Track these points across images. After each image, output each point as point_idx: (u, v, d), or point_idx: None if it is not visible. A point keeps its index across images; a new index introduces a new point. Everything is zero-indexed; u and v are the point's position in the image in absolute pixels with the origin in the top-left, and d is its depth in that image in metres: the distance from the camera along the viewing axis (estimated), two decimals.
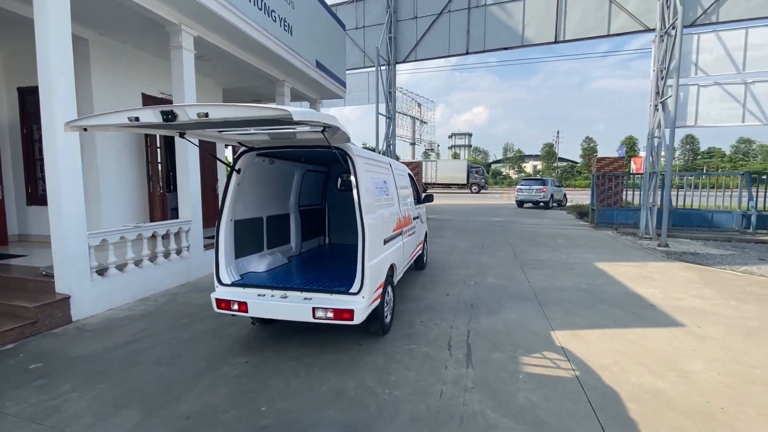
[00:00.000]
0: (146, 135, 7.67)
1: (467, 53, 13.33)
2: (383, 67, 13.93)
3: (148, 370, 3.44)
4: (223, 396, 3.02)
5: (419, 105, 59.25)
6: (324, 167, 5.95)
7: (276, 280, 3.95)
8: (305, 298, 3.50)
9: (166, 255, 6.01)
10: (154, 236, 5.75)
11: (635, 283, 6.31)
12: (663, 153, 10.90)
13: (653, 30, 10.96)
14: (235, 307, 3.57)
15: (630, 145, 57.70)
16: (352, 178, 3.57)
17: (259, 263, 4.33)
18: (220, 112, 2.21)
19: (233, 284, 3.75)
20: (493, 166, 77.90)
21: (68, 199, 4.46)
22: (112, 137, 6.91)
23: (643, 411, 2.83)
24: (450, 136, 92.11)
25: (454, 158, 72.73)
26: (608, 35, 11.64)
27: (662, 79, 10.82)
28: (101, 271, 5.01)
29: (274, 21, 7.68)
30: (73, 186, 4.52)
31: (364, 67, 15.00)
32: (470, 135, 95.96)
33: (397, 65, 14.42)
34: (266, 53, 7.84)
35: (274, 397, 3.01)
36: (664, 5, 10.60)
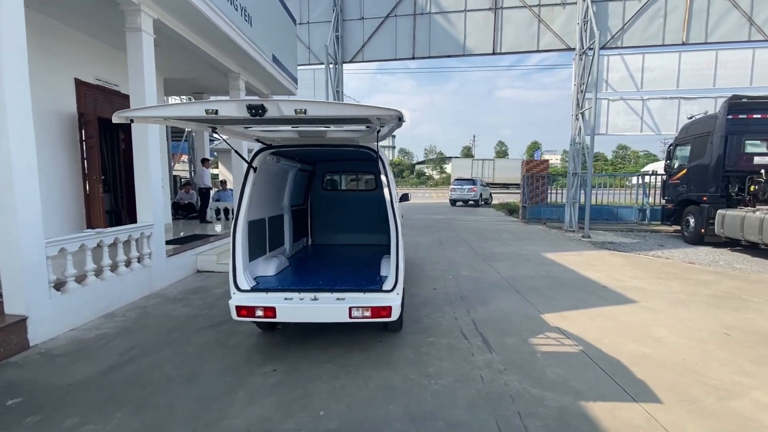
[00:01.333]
0: (81, 127, 6.65)
1: (413, 58, 13.83)
2: (330, 66, 13.79)
3: (166, 390, 3.08)
4: (271, 406, 2.86)
5: None
6: (310, 166, 5.80)
7: (295, 283, 3.80)
8: (338, 299, 3.45)
9: (128, 264, 5.31)
10: (114, 243, 5.05)
11: (583, 269, 7.27)
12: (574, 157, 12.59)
13: (574, 49, 12.59)
14: (260, 313, 3.37)
15: (534, 149, 64.69)
16: (382, 177, 3.61)
17: (267, 266, 4.11)
18: (319, 109, 2.12)
19: (253, 289, 3.53)
20: (417, 167, 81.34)
21: (23, 203, 3.74)
22: (39, 129, 5.86)
23: (644, 372, 3.38)
24: None
25: (500, 157, 61.69)
26: (538, 51, 13.06)
27: (581, 92, 12.48)
28: (59, 286, 4.28)
29: (236, 9, 7.21)
30: (29, 188, 3.80)
31: (309, 64, 14.68)
32: (394, 136, 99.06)
33: (344, 65, 14.37)
34: (226, 43, 7.32)
35: (325, 400, 2.94)
36: (582, 29, 12.24)
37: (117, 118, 2.27)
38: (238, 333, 4.20)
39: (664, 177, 12.31)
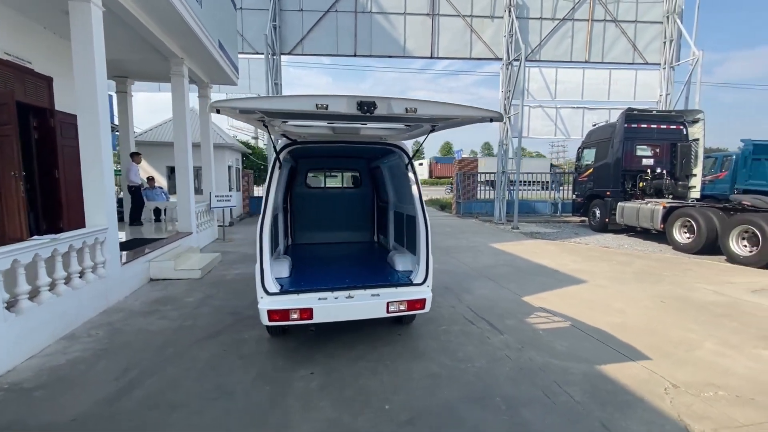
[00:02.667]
0: None
1: (355, 55, 13.86)
2: (266, 56, 13.11)
3: (205, 409, 2.79)
4: (331, 408, 2.79)
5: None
6: (294, 162, 5.56)
7: (318, 282, 3.68)
8: (373, 295, 3.46)
9: (81, 275, 4.52)
10: (68, 252, 4.26)
11: (531, 257, 8.19)
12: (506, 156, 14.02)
13: (501, 59, 13.91)
14: (295, 315, 3.23)
15: (447, 149, 69.30)
16: (411, 175, 3.69)
17: (280, 267, 3.89)
18: (430, 109, 2.13)
19: (282, 292, 3.35)
20: None
21: None
22: None
23: (626, 337, 4.05)
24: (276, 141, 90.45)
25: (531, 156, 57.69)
26: (470, 58, 14.13)
27: (507, 99, 13.87)
28: (10, 306, 3.50)
29: None
30: None
31: (242, 53, 13.75)
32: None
33: (282, 56, 13.76)
34: (175, 22, 6.55)
35: (381, 395, 2.97)
36: (509, 41, 13.59)
37: (211, 108, 1.99)
38: (246, 342, 3.92)
39: (575, 175, 14.32)
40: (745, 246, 7.92)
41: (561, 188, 16.65)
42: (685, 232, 9.37)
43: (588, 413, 2.74)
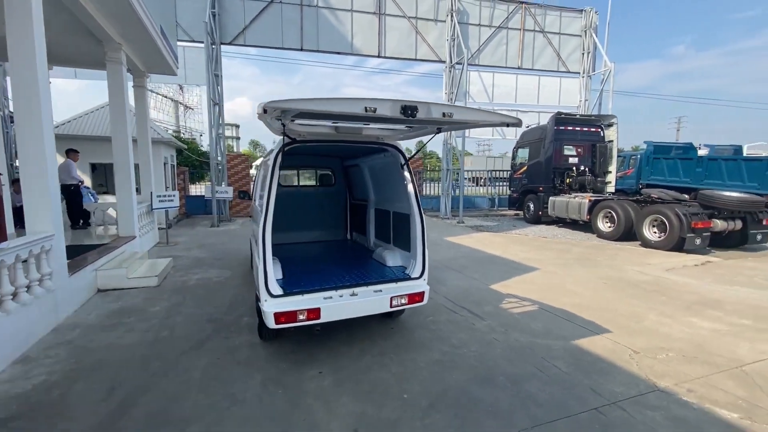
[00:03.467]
0: None
1: (302, 50, 13.54)
2: (202, 46, 12.26)
3: (223, 417, 2.67)
4: (353, 402, 2.85)
5: (181, 87, 51.33)
6: None
7: (313, 282, 3.66)
8: (375, 291, 3.55)
9: (29, 289, 3.95)
10: (14, 263, 3.70)
11: (485, 248, 8.82)
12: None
13: (445, 62, 14.58)
14: (302, 316, 3.21)
15: None
16: (407, 173, 3.82)
17: (274, 269, 3.79)
18: (463, 114, 2.26)
19: (286, 293, 3.29)
20: None
21: None
22: None
23: (588, 314, 4.64)
24: (217, 135, 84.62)
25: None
26: (416, 59, 14.58)
27: (450, 100, 14.60)
28: None
29: None
30: None
31: (178, 41, 12.68)
32: (237, 126, 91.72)
33: (223, 46, 12.94)
34: (118, 3, 5.92)
35: (396, 385, 3.09)
36: (451, 45, 14.30)
37: (260, 108, 1.89)
38: (238, 348, 3.77)
39: (510, 172, 15.56)
40: (655, 232, 9.35)
41: (497, 184, 18.00)
42: (607, 222, 10.75)
43: (578, 382, 3.15)
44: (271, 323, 3.15)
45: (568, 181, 13.20)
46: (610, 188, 13.60)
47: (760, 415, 2.69)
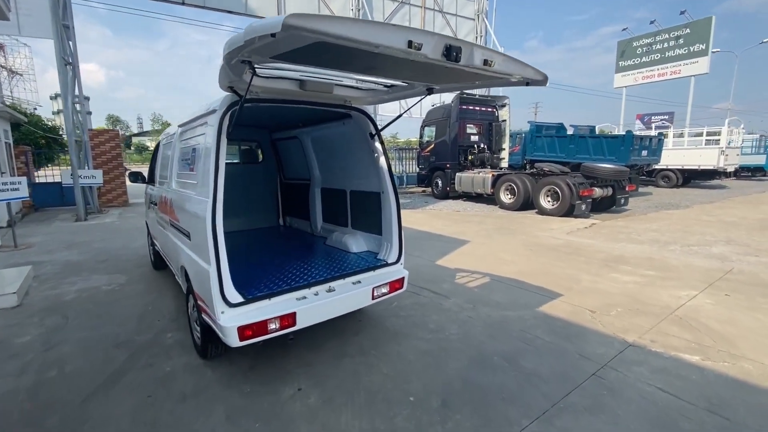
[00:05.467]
0: None
1: (183, 4, 11.35)
2: None
3: None
4: (356, 418, 2.37)
5: (1, 47, 39.61)
6: None
7: (280, 280, 2.96)
8: (354, 283, 3.03)
9: None
10: None
11: (410, 225, 8.80)
12: None
13: None
14: (274, 326, 2.55)
15: None
16: (378, 145, 3.30)
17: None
18: (504, 65, 1.82)
19: (249, 300, 2.56)
20: (135, 139, 66.56)
21: None
22: None
23: (534, 280, 4.86)
24: (54, 97, 68.53)
25: None
26: None
27: None
28: None
29: None
30: None
31: None
32: (88, 99, 75.89)
33: None
34: None
35: (395, 388, 2.70)
36: (356, 16, 13.65)
37: (283, 27, 1.13)
38: (174, 376, 2.89)
39: (418, 150, 15.94)
40: (549, 201, 10.58)
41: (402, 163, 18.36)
42: (508, 194, 11.80)
43: (564, 349, 3.19)
44: (234, 340, 2.41)
45: (470, 158, 14.07)
46: (504, 164, 14.96)
47: (713, 354, 3.08)
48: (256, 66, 1.98)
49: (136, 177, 5.22)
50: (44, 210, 11.71)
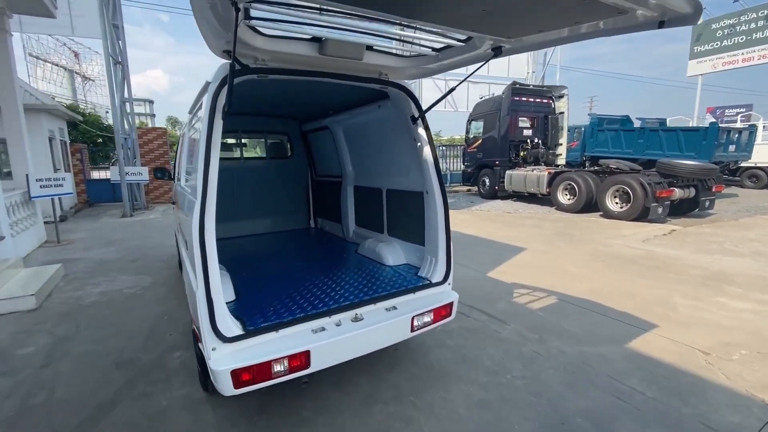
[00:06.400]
0: None
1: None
2: None
3: None
4: None
5: (76, 54, 43.17)
6: None
7: (294, 304, 2.35)
8: (388, 310, 2.35)
9: None
10: None
11: (458, 227, 7.97)
12: None
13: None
14: (282, 367, 1.92)
15: None
16: (421, 131, 2.59)
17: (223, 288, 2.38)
18: None
19: (249, 332, 1.96)
20: None
21: None
22: None
23: (614, 302, 3.90)
24: (123, 102, 73.60)
25: None
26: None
27: None
28: None
29: None
30: None
31: None
32: (152, 102, 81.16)
33: None
34: None
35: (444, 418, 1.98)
36: None
37: None
38: (170, 413, 2.37)
39: (464, 147, 14.95)
40: (617, 203, 9.25)
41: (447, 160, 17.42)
42: (567, 194, 10.55)
43: (679, 412, 2.30)
44: (226, 387, 1.82)
45: (522, 154, 12.87)
46: (561, 161, 13.59)
47: None
48: (246, 3, 1.34)
49: (162, 173, 4.87)
50: (97, 205, 12.18)
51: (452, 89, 2.78)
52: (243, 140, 4.51)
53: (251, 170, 4.46)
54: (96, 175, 13.61)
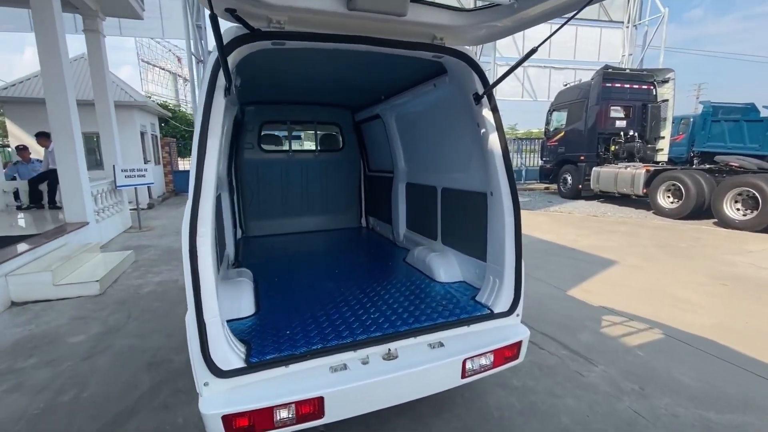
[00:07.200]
0: None
1: None
2: None
3: None
4: None
5: (179, 59, 48.24)
6: (239, 106, 3.53)
7: (316, 327, 1.93)
8: (432, 346, 1.82)
9: None
10: None
11: (531, 231, 7.03)
12: None
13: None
14: (288, 414, 1.50)
15: None
16: (487, 113, 2.01)
17: (236, 298, 2.06)
18: None
19: (252, 366, 1.57)
20: None
21: None
22: None
23: (749, 347, 2.90)
24: None
25: None
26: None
27: (475, 54, 12.42)
28: None
29: None
30: None
31: None
32: None
33: None
34: None
35: None
36: None
37: None
38: None
39: (543, 140, 13.54)
40: (739, 210, 7.50)
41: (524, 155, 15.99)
42: (670, 197, 8.88)
43: None
44: None
45: (613, 148, 11.21)
46: (662, 156, 11.62)
47: None
48: None
49: None
50: (182, 194, 13.22)
51: (551, 34, 2.07)
52: (292, 132, 4.23)
53: (300, 164, 4.17)
54: (182, 166, 14.82)
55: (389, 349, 1.74)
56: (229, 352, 1.53)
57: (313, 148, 4.29)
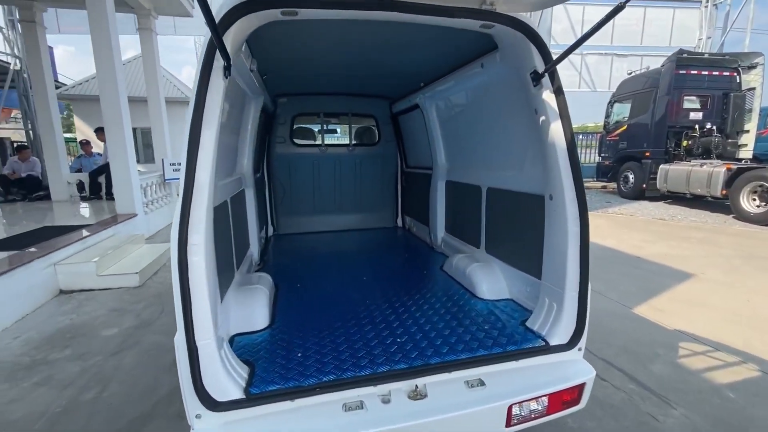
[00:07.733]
0: None
1: None
2: None
3: None
4: None
5: None
6: (270, 97, 3.36)
7: (332, 350, 1.66)
8: (470, 384, 1.48)
9: None
10: None
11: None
12: None
13: None
14: None
15: None
16: (547, 96, 1.63)
17: (247, 308, 1.85)
18: None
19: (252, 398, 1.33)
20: None
21: None
22: None
23: None
24: None
25: None
26: None
27: None
28: None
29: None
30: None
31: None
32: None
33: None
34: None
35: None
36: None
37: None
38: None
39: (602, 134, 12.42)
40: None
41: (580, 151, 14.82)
42: (756, 200, 7.70)
43: None
44: None
45: (685, 143, 9.97)
46: (745, 153, 10.19)
47: None
48: None
49: None
50: None
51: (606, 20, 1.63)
52: (326, 125, 4.01)
53: (333, 159, 3.94)
54: None
55: (416, 386, 1.43)
56: (225, 380, 1.30)
57: (349, 141, 4.04)
